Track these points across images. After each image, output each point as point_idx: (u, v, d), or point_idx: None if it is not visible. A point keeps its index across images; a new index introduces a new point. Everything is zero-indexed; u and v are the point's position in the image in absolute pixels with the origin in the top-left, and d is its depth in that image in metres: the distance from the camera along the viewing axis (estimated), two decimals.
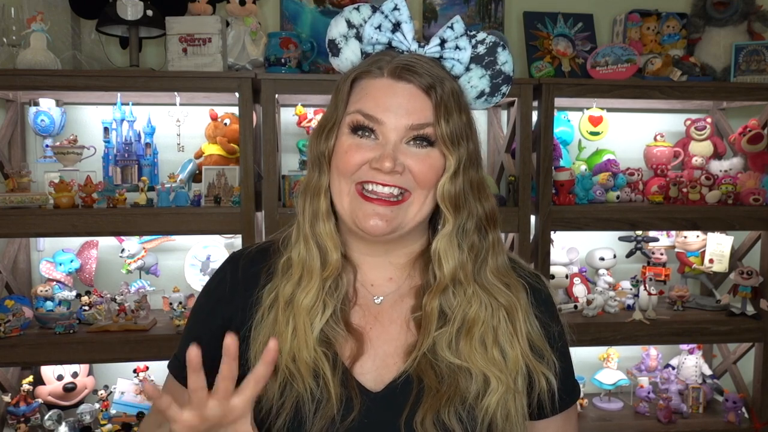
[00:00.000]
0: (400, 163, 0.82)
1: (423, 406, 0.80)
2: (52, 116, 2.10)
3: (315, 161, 0.87)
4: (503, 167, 2.30)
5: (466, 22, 2.15)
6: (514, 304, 0.87)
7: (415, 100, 0.83)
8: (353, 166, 0.83)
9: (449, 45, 0.87)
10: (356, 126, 0.84)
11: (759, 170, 2.31)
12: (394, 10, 0.87)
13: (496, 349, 0.83)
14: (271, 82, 1.97)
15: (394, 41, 0.87)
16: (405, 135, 0.83)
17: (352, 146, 0.84)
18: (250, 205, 1.98)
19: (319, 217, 0.86)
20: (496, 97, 0.92)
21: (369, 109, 0.83)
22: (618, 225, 2.19)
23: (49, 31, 2.02)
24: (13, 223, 1.92)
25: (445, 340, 0.83)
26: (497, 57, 0.89)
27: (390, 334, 0.88)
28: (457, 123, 0.83)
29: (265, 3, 2.30)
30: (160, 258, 2.28)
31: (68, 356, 1.98)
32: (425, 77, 0.83)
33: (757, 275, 2.28)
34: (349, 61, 0.91)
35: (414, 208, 0.85)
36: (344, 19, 0.90)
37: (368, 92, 0.84)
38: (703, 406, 2.37)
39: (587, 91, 2.15)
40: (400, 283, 0.91)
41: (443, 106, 0.82)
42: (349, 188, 0.84)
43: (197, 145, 2.24)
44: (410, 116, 0.82)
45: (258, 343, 0.85)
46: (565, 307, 2.26)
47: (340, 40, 0.90)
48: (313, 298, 0.85)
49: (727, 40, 2.33)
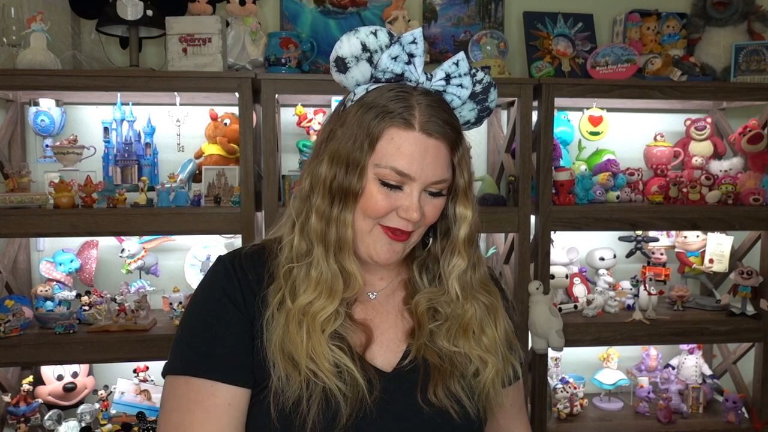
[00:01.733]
0: (422, 214, 0.92)
1: (433, 380, 0.93)
2: (52, 116, 2.10)
3: (338, 193, 0.90)
4: (503, 167, 2.30)
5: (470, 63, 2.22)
6: (497, 307, 1.02)
7: (442, 159, 0.91)
8: (383, 212, 0.90)
9: (454, 81, 0.94)
10: (388, 181, 0.89)
11: (759, 170, 2.31)
12: (412, 44, 0.91)
13: (484, 336, 0.98)
14: (271, 82, 1.97)
15: (406, 72, 0.92)
16: (429, 187, 0.91)
17: (382, 196, 0.90)
18: (250, 205, 1.98)
19: (344, 249, 0.92)
20: (477, 125, 1.02)
21: (403, 167, 0.88)
22: (618, 225, 2.20)
23: (49, 31, 2.02)
24: (13, 223, 1.92)
25: (443, 334, 0.97)
26: (489, 96, 0.99)
27: (390, 322, 0.99)
28: (466, 168, 0.96)
29: (265, 3, 2.30)
30: (160, 258, 2.28)
31: (68, 356, 1.98)
32: (448, 134, 0.90)
33: (757, 275, 2.28)
34: (355, 80, 0.94)
35: (415, 237, 0.95)
36: (359, 41, 0.91)
37: (400, 147, 0.88)
38: (703, 406, 2.37)
39: (587, 91, 2.15)
40: (390, 280, 1.03)
41: (464, 162, 0.94)
42: (371, 227, 0.92)
43: (197, 145, 2.24)
44: (436, 175, 0.90)
45: (272, 341, 0.89)
46: (565, 307, 2.26)
47: (351, 60, 0.92)
48: (330, 311, 0.91)
49: (727, 40, 2.33)
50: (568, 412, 2.29)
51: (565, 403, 2.29)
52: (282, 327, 0.90)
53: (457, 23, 2.37)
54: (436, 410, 0.91)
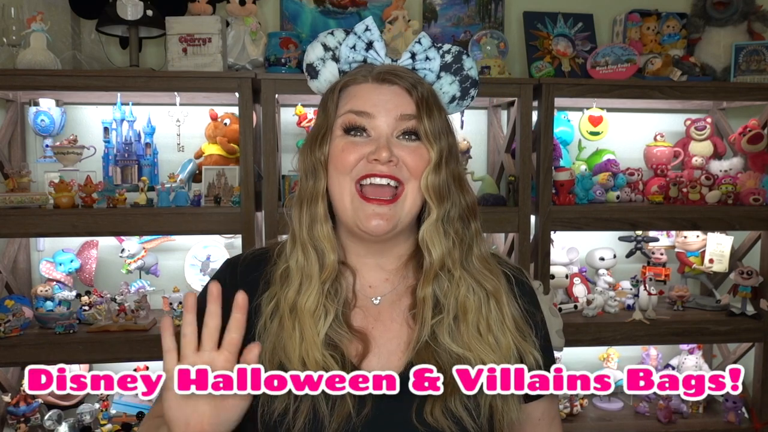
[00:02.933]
0: (395, 154, 0.88)
1: (431, 398, 0.85)
2: (52, 116, 2.10)
3: (310, 170, 0.91)
4: (503, 167, 2.30)
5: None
6: (499, 289, 0.93)
7: (401, 98, 0.90)
8: (351, 163, 0.88)
9: (420, 57, 0.95)
10: (349, 126, 0.89)
11: (759, 170, 2.31)
12: (366, 31, 0.95)
13: (490, 337, 0.89)
14: (271, 82, 1.97)
15: (369, 58, 0.95)
16: (395, 127, 0.89)
17: (347, 145, 0.89)
18: (250, 205, 1.98)
19: (317, 221, 0.90)
20: (466, 100, 1.00)
21: (359, 106, 0.89)
22: (618, 225, 2.20)
23: (49, 31, 2.02)
24: (13, 223, 1.92)
25: (444, 329, 0.89)
26: (463, 63, 0.98)
27: (392, 332, 0.92)
28: (437, 119, 0.90)
29: (265, 3, 2.30)
30: (160, 258, 2.28)
31: (68, 356, 1.97)
32: (407, 78, 0.91)
33: (757, 275, 2.28)
34: (327, 81, 0.98)
35: (408, 201, 0.90)
36: (320, 43, 0.97)
37: (355, 94, 0.91)
38: (703, 406, 2.38)
39: (587, 91, 2.15)
40: (396, 284, 0.96)
41: (425, 103, 0.90)
42: (350, 187, 0.88)
43: (197, 145, 2.24)
44: (398, 109, 0.89)
45: (265, 350, 0.87)
46: (565, 307, 2.26)
47: (318, 63, 0.97)
48: (314, 301, 0.88)
49: (727, 40, 2.33)
50: (568, 412, 2.29)
51: (565, 403, 2.29)
52: (275, 334, 0.88)
53: (457, 23, 2.37)
54: (431, 429, 0.84)
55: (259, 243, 2.06)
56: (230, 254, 2.26)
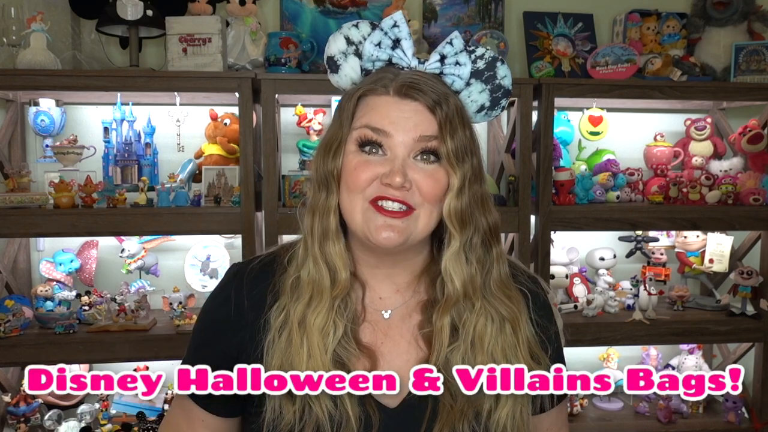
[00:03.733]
0: (408, 179, 0.82)
1: (440, 421, 0.83)
2: (52, 116, 2.10)
3: (322, 181, 0.87)
4: (503, 167, 2.30)
5: (465, 38, 2.17)
6: (516, 315, 0.89)
7: (422, 116, 0.84)
8: (364, 182, 0.83)
9: (449, 61, 0.88)
10: (364, 141, 0.84)
11: (759, 170, 2.31)
12: (394, 27, 0.88)
13: (504, 363, 0.86)
14: (271, 82, 1.97)
15: (395, 58, 0.88)
16: (413, 148, 0.83)
17: (360, 163, 0.84)
18: (250, 205, 1.98)
19: (329, 237, 0.87)
20: (496, 110, 0.93)
21: (376, 122, 0.83)
22: (618, 225, 2.19)
23: (49, 31, 2.02)
24: (13, 223, 1.92)
25: (459, 356, 0.85)
26: (497, 71, 0.90)
27: (401, 348, 0.89)
28: (462, 139, 0.84)
29: (265, 3, 2.30)
30: (160, 258, 2.28)
31: (68, 356, 1.97)
32: (430, 95, 0.84)
33: (757, 275, 2.28)
34: (349, 77, 0.91)
35: (422, 221, 0.85)
36: (343, 36, 0.90)
37: (374, 108, 0.85)
38: (703, 406, 2.37)
39: (587, 91, 2.15)
40: (408, 298, 0.92)
41: (449, 122, 0.83)
42: (361, 205, 0.84)
43: (197, 145, 2.24)
44: (417, 129, 0.83)
45: (272, 366, 0.85)
46: (565, 307, 2.26)
47: (339, 57, 0.90)
48: (324, 318, 0.85)
49: (727, 40, 2.33)
50: (568, 412, 2.29)
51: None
52: (283, 350, 0.85)
53: (457, 23, 2.37)
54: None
55: (259, 243, 2.06)
56: (230, 254, 2.26)
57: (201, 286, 2.23)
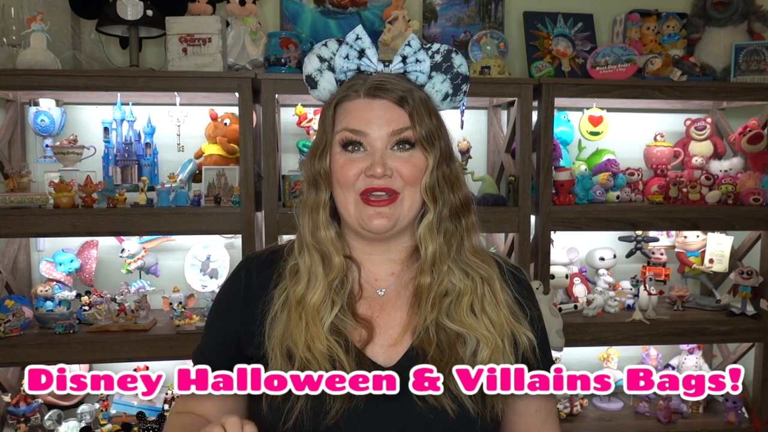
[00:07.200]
0: (389, 167, 0.94)
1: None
2: (52, 116, 2.10)
3: (312, 181, 1.00)
4: (503, 167, 2.30)
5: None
6: (491, 275, 1.00)
7: (391, 112, 0.96)
8: (352, 177, 0.95)
9: (410, 60, 1.01)
10: (346, 142, 0.96)
11: (759, 170, 2.31)
12: (357, 40, 1.01)
13: (485, 317, 0.95)
14: (271, 82, 1.97)
15: (362, 66, 1.01)
16: (389, 141, 0.95)
17: (346, 161, 0.96)
18: (250, 205, 1.98)
19: (320, 227, 0.98)
20: (459, 95, 1.05)
21: (353, 124, 0.95)
22: (618, 225, 2.20)
23: (49, 31, 2.02)
24: (13, 223, 1.92)
25: (443, 312, 0.95)
26: (453, 61, 1.03)
27: (396, 319, 0.99)
28: (429, 125, 0.96)
29: (265, 3, 2.30)
30: (160, 258, 2.28)
31: (68, 356, 1.97)
32: (396, 92, 0.96)
33: (757, 275, 2.28)
34: (327, 90, 1.04)
35: (407, 202, 0.96)
36: (315, 55, 1.04)
37: (349, 112, 0.97)
38: (703, 406, 2.37)
39: (587, 91, 2.15)
40: (401, 276, 1.02)
41: (416, 112, 0.95)
42: (353, 198, 0.96)
43: (197, 145, 2.24)
44: (390, 124, 0.95)
45: (274, 337, 0.94)
46: (565, 307, 2.26)
47: (316, 74, 1.04)
48: (320, 296, 0.95)
49: (727, 40, 2.33)
50: (568, 412, 2.29)
51: (565, 402, 2.29)
52: (284, 323, 0.94)
53: (457, 23, 2.37)
54: (430, 407, 0.90)
55: (259, 243, 2.06)
56: (230, 254, 2.27)
57: (201, 286, 2.23)
